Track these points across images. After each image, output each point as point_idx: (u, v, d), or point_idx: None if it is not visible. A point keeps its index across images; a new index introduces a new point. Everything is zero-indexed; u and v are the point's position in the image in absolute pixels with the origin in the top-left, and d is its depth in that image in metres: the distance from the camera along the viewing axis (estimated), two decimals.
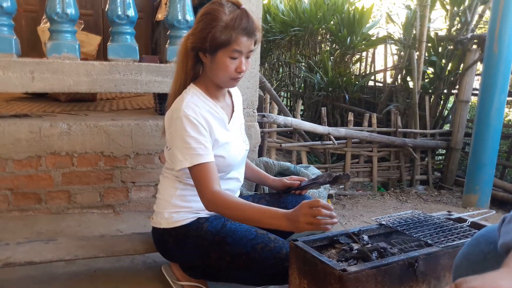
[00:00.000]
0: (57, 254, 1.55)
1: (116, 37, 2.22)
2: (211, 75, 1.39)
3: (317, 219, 1.15)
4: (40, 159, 2.10)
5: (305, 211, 1.16)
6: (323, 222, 1.15)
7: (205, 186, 1.30)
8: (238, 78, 1.38)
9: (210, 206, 1.31)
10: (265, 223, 1.25)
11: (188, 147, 1.31)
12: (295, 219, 1.18)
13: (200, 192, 1.32)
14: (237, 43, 1.30)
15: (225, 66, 1.33)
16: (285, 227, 1.21)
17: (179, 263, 1.54)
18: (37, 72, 2.06)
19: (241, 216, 1.28)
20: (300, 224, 1.17)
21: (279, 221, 1.21)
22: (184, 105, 1.34)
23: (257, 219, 1.25)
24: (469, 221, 1.43)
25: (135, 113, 2.58)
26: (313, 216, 1.15)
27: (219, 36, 1.29)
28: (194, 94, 1.40)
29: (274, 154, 3.11)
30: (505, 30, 2.78)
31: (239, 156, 1.50)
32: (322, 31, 5.48)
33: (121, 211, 2.27)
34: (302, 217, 1.16)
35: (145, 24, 5.16)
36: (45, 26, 3.20)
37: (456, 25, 3.91)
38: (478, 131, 2.98)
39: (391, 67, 4.89)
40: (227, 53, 1.31)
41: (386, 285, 1.09)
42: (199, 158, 1.30)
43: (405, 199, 3.29)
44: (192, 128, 1.31)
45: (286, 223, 1.20)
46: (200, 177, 1.31)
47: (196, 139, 1.31)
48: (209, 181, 1.30)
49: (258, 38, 1.36)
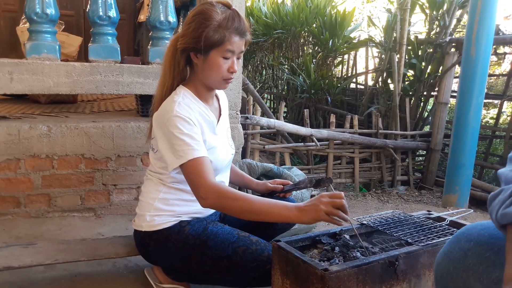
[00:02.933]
0: (37, 259, 1.52)
1: (97, 38, 2.19)
2: (202, 76, 1.38)
3: (337, 211, 1.14)
4: (19, 162, 2.06)
5: (327, 201, 1.15)
6: (342, 216, 1.14)
7: (203, 178, 1.24)
8: (230, 78, 1.38)
9: (210, 197, 1.23)
10: (275, 214, 1.20)
11: (182, 143, 1.27)
12: (313, 208, 1.15)
13: (197, 185, 1.25)
14: (230, 43, 1.30)
15: (218, 66, 1.32)
16: (296, 218, 1.18)
17: (161, 266, 1.53)
18: (16, 73, 2.02)
19: (248, 207, 1.22)
20: (319, 213, 1.14)
21: (290, 211, 1.18)
22: (176, 106, 1.32)
23: (267, 210, 1.21)
24: (448, 220, 1.46)
25: (116, 115, 2.55)
26: (335, 206, 1.14)
27: (213, 36, 1.29)
28: (185, 96, 1.38)
29: (258, 156, 3.11)
30: (482, 34, 2.85)
31: (226, 160, 1.50)
32: (304, 33, 5.53)
33: (102, 214, 2.24)
34: (323, 206, 1.14)
35: (127, 25, 5.11)
36: (24, 27, 3.15)
37: (435, 28, 4.00)
38: (456, 133, 3.05)
39: (372, 70, 4.97)
40: (220, 53, 1.31)
41: (368, 284, 1.11)
42: (194, 152, 1.27)
43: (386, 199, 3.34)
44: (185, 126, 1.29)
45: (298, 213, 1.17)
46: (196, 171, 1.26)
47: (191, 136, 1.29)
48: (206, 174, 1.25)
49: (248, 39, 1.37)
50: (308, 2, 5.31)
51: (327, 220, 1.15)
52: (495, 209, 0.68)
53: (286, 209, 1.19)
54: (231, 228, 1.42)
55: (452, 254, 0.82)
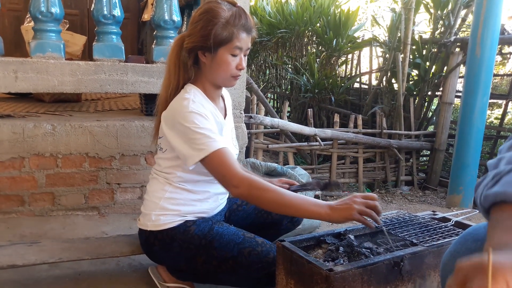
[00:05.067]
0: (41, 257, 1.52)
1: (101, 37, 2.20)
2: (211, 74, 1.37)
3: (370, 211, 1.14)
4: (23, 160, 2.07)
5: (360, 201, 1.15)
6: (375, 217, 1.14)
7: (232, 168, 1.23)
8: (238, 75, 1.38)
9: (242, 186, 1.21)
10: (305, 209, 1.19)
11: (202, 137, 1.26)
12: (345, 207, 1.15)
13: (227, 175, 1.24)
14: (238, 40, 1.31)
15: (227, 64, 1.33)
16: (326, 215, 1.17)
17: (166, 266, 1.53)
18: (21, 71, 2.02)
19: (279, 199, 1.20)
20: (352, 211, 1.13)
21: (321, 208, 1.17)
22: (191, 103, 1.31)
23: (298, 204, 1.19)
24: (453, 220, 1.45)
25: (120, 114, 2.55)
26: (368, 206, 1.14)
27: (221, 33, 1.29)
28: (196, 94, 1.37)
29: (261, 155, 3.11)
30: (487, 34, 2.84)
31: None
32: (308, 33, 5.52)
33: (106, 213, 2.25)
34: (356, 205, 1.14)
35: (131, 25, 5.12)
36: (29, 25, 3.15)
37: (440, 28, 3.99)
38: (461, 133, 3.04)
39: (376, 69, 4.95)
40: (228, 50, 1.31)
41: (372, 284, 1.10)
42: (216, 143, 1.25)
43: (390, 199, 3.33)
44: (201, 121, 1.28)
45: (329, 212, 1.17)
46: (223, 162, 1.24)
47: (209, 129, 1.28)
48: (234, 163, 1.25)
49: (254, 36, 1.37)
50: (312, 2, 5.30)
51: (358, 219, 1.14)
52: (479, 193, 0.67)
53: (317, 206, 1.18)
54: (236, 229, 1.42)
55: (459, 254, 0.82)
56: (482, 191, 0.66)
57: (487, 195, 0.64)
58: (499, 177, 0.64)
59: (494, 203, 0.62)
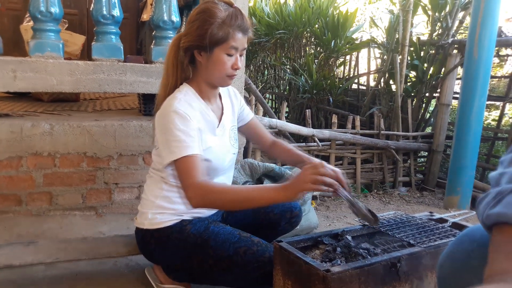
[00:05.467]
0: (38, 257, 1.52)
1: (100, 36, 2.19)
2: (206, 74, 1.39)
3: (321, 177, 1.13)
4: (21, 160, 2.06)
5: (310, 171, 1.14)
6: (329, 181, 1.13)
7: (190, 178, 1.25)
8: (233, 75, 1.39)
9: (196, 197, 1.24)
10: (263, 197, 1.20)
11: (176, 139, 1.28)
12: (295, 182, 1.15)
13: (185, 185, 1.26)
14: (234, 40, 1.32)
15: (222, 63, 1.34)
16: (283, 197, 1.18)
17: (162, 266, 1.53)
18: (19, 71, 2.02)
19: (235, 197, 1.23)
20: (305, 184, 1.14)
21: (276, 192, 1.18)
22: (177, 102, 1.34)
23: (254, 196, 1.21)
24: (451, 221, 1.46)
25: (119, 114, 2.55)
26: (319, 174, 1.14)
27: (217, 33, 1.30)
28: (187, 93, 1.40)
29: (259, 156, 3.11)
30: (484, 36, 2.85)
31: (226, 160, 1.49)
32: (306, 34, 5.53)
33: (103, 213, 2.24)
34: (306, 177, 1.14)
35: (131, 25, 5.12)
36: (28, 25, 3.15)
37: (438, 30, 4.00)
38: (458, 134, 3.05)
39: (374, 71, 4.96)
40: (224, 50, 1.32)
41: (370, 285, 1.11)
42: (188, 149, 1.27)
43: (388, 200, 3.33)
44: (181, 121, 1.30)
45: (283, 193, 1.18)
46: (186, 169, 1.27)
47: (185, 132, 1.29)
48: (195, 172, 1.25)
49: (250, 36, 1.38)
50: (311, 3, 5.31)
51: (313, 188, 1.14)
52: (481, 211, 0.67)
53: (272, 191, 1.20)
54: (232, 229, 1.42)
55: (456, 255, 0.82)
56: (484, 209, 0.66)
57: (489, 214, 0.63)
58: (501, 197, 0.63)
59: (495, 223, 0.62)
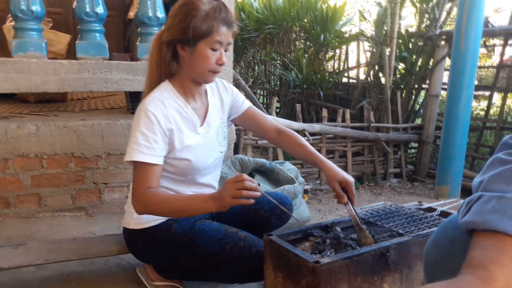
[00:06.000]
0: (27, 259, 1.50)
1: (85, 35, 2.17)
2: (189, 69, 1.34)
3: (239, 191, 1.15)
4: (7, 162, 2.04)
5: (229, 186, 1.17)
6: (245, 194, 1.15)
7: (138, 186, 1.26)
8: (217, 71, 1.34)
9: (140, 205, 1.26)
10: (195, 209, 1.24)
11: (135, 141, 1.27)
12: (220, 196, 1.18)
13: (132, 191, 1.28)
14: (218, 33, 1.27)
15: (206, 58, 1.29)
16: (213, 207, 1.20)
17: (151, 264, 1.52)
18: (2, 71, 1.99)
19: (169, 209, 1.26)
20: (224, 200, 1.16)
21: (207, 203, 1.21)
22: (149, 100, 1.31)
23: (186, 207, 1.25)
24: (439, 210, 1.47)
25: (106, 113, 2.53)
26: (237, 189, 1.15)
27: (200, 26, 1.25)
28: (164, 90, 1.36)
29: (251, 151, 3.11)
30: (471, 27, 2.86)
31: (210, 159, 1.44)
32: (296, 28, 5.52)
33: (94, 213, 2.23)
34: (226, 192, 1.16)
35: (117, 22, 5.07)
36: (10, 25, 3.10)
37: (426, 22, 4.01)
38: (447, 124, 3.07)
39: (363, 64, 4.97)
40: (208, 44, 1.28)
41: (359, 275, 1.11)
42: (139, 155, 1.26)
43: (379, 192, 3.35)
44: (145, 123, 1.28)
45: (213, 203, 1.20)
46: (136, 176, 1.27)
47: (145, 136, 1.27)
48: (144, 181, 1.26)
49: (235, 31, 1.34)
50: None
51: (235, 203, 1.17)
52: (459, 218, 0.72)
53: (203, 202, 1.22)
54: (219, 225, 1.41)
55: (440, 242, 0.83)
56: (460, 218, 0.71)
57: (461, 223, 0.69)
58: (470, 205, 0.69)
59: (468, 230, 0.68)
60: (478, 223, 0.65)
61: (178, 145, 1.34)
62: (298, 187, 2.15)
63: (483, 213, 0.65)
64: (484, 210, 0.65)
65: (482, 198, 0.67)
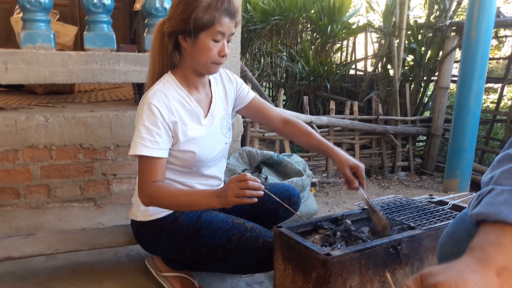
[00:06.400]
0: (37, 249, 1.51)
1: (92, 26, 2.16)
2: (191, 61, 1.32)
3: (243, 191, 1.15)
4: (17, 153, 2.05)
5: (232, 185, 1.16)
6: (249, 193, 1.15)
7: (144, 179, 1.27)
8: (220, 63, 1.32)
9: (146, 198, 1.28)
10: (199, 204, 1.25)
11: (138, 135, 1.27)
12: (224, 194, 1.18)
13: (138, 184, 1.29)
14: (220, 24, 1.24)
15: (208, 50, 1.27)
16: (217, 204, 1.21)
17: (159, 256, 1.53)
18: (11, 63, 1.99)
19: (175, 203, 1.27)
20: (228, 198, 1.17)
21: (211, 200, 1.21)
22: (152, 93, 1.29)
23: (191, 202, 1.25)
24: (451, 203, 1.45)
25: (114, 104, 2.53)
26: (240, 188, 1.15)
27: (202, 17, 1.23)
28: (167, 82, 1.34)
29: (257, 144, 3.10)
30: (482, 17, 2.82)
31: (214, 151, 1.43)
32: (302, 20, 5.47)
33: (102, 204, 2.24)
34: (229, 191, 1.16)
35: (123, 15, 5.05)
36: (18, 17, 3.10)
37: (435, 12, 3.96)
38: (457, 117, 3.04)
39: (371, 55, 4.92)
40: (210, 35, 1.25)
41: (370, 268, 1.10)
42: (143, 149, 1.25)
43: (387, 185, 3.33)
44: (148, 117, 1.27)
45: (217, 200, 1.20)
46: (141, 170, 1.28)
47: (148, 130, 1.26)
48: (149, 175, 1.27)
49: (238, 20, 1.32)
50: None
51: (238, 202, 1.17)
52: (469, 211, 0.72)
53: (208, 198, 1.23)
54: (225, 216, 1.40)
55: (456, 234, 0.81)
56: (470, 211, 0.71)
57: (471, 215, 0.69)
58: (481, 198, 0.69)
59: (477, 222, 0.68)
60: (488, 214, 0.64)
61: (182, 138, 1.33)
62: (306, 179, 2.14)
63: (494, 204, 0.64)
64: (496, 202, 0.65)
65: (493, 191, 0.67)
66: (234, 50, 2.36)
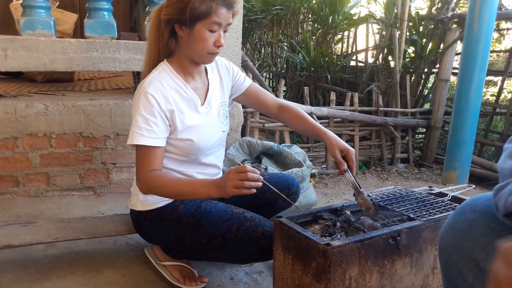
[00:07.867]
0: (37, 237, 1.51)
1: (93, 13, 2.14)
2: (187, 50, 1.31)
3: (242, 182, 1.16)
4: (16, 141, 2.04)
5: (232, 176, 1.17)
6: (248, 185, 1.16)
7: (141, 168, 1.28)
8: (216, 53, 1.31)
9: (144, 187, 1.29)
10: (198, 193, 1.25)
11: (136, 124, 1.27)
12: (223, 184, 1.19)
13: (136, 173, 1.30)
14: (217, 15, 1.23)
15: (204, 40, 1.26)
16: (216, 194, 1.22)
17: (158, 245, 1.53)
18: (10, 49, 1.97)
19: (173, 192, 1.27)
20: (227, 189, 1.18)
21: (210, 189, 1.22)
22: (148, 81, 1.29)
23: (189, 191, 1.26)
24: (450, 195, 1.45)
25: (114, 93, 2.51)
26: (239, 179, 1.16)
27: (199, 7, 1.22)
28: (163, 70, 1.33)
29: (257, 134, 3.09)
30: (485, 9, 2.80)
31: (212, 138, 1.43)
32: (304, 10, 5.44)
33: (102, 193, 2.24)
34: (229, 182, 1.17)
35: (123, 3, 5.01)
36: (17, 3, 3.06)
37: (437, 4, 3.93)
38: (457, 110, 3.03)
39: (372, 47, 4.90)
40: (206, 25, 1.24)
41: (370, 258, 1.11)
42: (141, 139, 1.26)
43: (386, 177, 3.34)
44: (145, 106, 1.26)
45: (216, 190, 1.21)
46: (138, 159, 1.29)
47: (145, 119, 1.26)
48: (147, 164, 1.27)
49: (236, 10, 1.30)
50: None
51: (237, 192, 1.18)
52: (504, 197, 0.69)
53: (207, 188, 1.24)
54: (225, 205, 1.40)
55: (457, 225, 0.82)
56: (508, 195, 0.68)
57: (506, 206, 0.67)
58: None
59: None
60: None
61: (180, 126, 1.33)
62: (305, 170, 2.14)
63: None
64: None
65: None
66: (235, 39, 2.34)
